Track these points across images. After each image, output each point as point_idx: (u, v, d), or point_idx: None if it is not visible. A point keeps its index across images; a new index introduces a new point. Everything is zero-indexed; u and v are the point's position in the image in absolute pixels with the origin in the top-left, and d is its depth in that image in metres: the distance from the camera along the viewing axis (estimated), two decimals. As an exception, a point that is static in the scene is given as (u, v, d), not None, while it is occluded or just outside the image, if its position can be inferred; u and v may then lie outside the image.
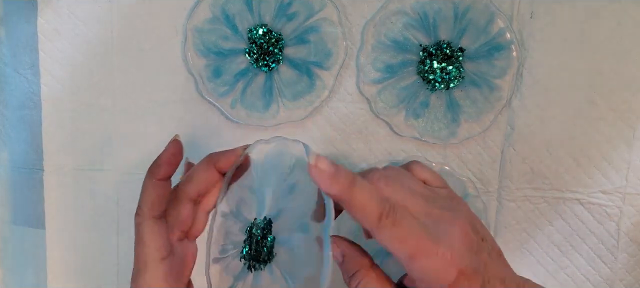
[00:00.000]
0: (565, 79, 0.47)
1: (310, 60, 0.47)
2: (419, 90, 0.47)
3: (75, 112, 0.49)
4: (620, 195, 0.48)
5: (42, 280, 0.51)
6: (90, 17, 0.48)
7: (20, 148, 0.51)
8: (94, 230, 0.50)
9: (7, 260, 0.53)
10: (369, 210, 0.31)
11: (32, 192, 0.50)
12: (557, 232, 0.49)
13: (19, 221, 0.52)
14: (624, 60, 0.46)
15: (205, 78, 0.48)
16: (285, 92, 0.47)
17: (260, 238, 0.40)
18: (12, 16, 0.49)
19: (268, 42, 0.47)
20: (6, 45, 0.50)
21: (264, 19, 0.47)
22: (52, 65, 0.49)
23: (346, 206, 0.31)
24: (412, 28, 0.46)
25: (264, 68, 0.47)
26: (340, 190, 0.30)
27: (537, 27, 0.47)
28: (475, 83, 0.47)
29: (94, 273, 0.51)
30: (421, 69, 0.47)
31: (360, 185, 0.31)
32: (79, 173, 0.50)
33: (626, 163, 0.47)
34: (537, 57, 0.47)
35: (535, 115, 0.48)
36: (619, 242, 0.49)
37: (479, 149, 0.49)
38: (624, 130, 0.47)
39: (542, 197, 0.49)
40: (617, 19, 0.46)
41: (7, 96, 0.51)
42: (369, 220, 0.31)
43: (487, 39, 0.46)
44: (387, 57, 0.47)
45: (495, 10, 0.46)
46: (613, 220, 0.48)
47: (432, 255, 0.30)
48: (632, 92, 0.47)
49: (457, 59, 0.46)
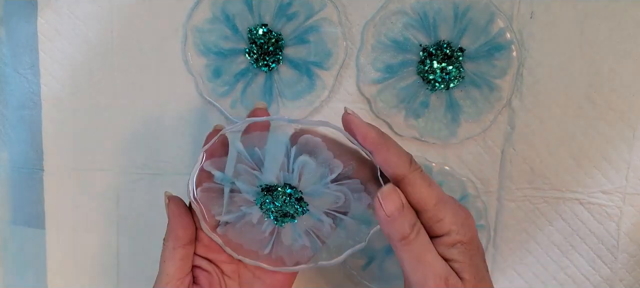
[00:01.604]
0: (565, 79, 0.47)
1: (310, 60, 0.47)
2: (419, 90, 0.47)
3: (75, 112, 0.49)
4: (620, 195, 0.48)
5: (42, 280, 0.51)
6: (90, 17, 0.48)
7: (20, 149, 0.51)
8: (94, 230, 0.50)
9: (7, 260, 0.53)
10: (402, 153, 0.33)
11: (32, 192, 0.50)
12: (557, 232, 0.49)
13: (19, 221, 0.52)
14: (624, 60, 0.46)
15: (205, 78, 0.48)
16: (285, 92, 0.47)
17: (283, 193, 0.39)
18: (12, 16, 0.49)
19: (268, 42, 0.47)
20: (6, 45, 0.50)
21: (264, 19, 0.47)
22: (52, 65, 0.49)
23: (381, 151, 0.33)
24: (412, 28, 0.46)
25: (264, 68, 0.47)
26: (378, 133, 0.33)
27: (537, 27, 0.47)
28: (475, 83, 0.47)
29: (94, 273, 0.51)
30: (421, 69, 0.47)
31: (388, 136, 0.33)
32: (79, 174, 0.50)
33: (626, 163, 0.47)
34: (537, 57, 0.47)
35: (535, 115, 0.48)
36: (619, 242, 0.49)
37: (479, 149, 0.49)
38: (624, 130, 0.47)
39: (542, 197, 0.49)
40: (617, 19, 0.46)
41: (7, 96, 0.51)
42: (402, 163, 0.32)
43: (487, 39, 0.46)
44: (387, 57, 0.47)
45: (495, 10, 0.46)
46: (613, 220, 0.48)
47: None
48: (632, 92, 0.47)
49: (457, 59, 0.46)
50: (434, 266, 0.32)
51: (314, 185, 0.39)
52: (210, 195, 0.40)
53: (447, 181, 0.48)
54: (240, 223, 0.40)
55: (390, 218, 0.32)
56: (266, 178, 0.39)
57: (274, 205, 0.39)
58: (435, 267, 0.32)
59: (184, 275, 0.38)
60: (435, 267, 0.32)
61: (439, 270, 0.32)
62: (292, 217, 0.40)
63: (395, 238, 0.32)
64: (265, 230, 0.40)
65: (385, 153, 0.33)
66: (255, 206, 0.40)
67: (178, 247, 0.38)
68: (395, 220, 0.32)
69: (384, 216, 0.32)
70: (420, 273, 0.32)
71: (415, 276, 0.32)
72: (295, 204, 0.39)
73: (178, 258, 0.37)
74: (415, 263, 0.32)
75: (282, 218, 0.40)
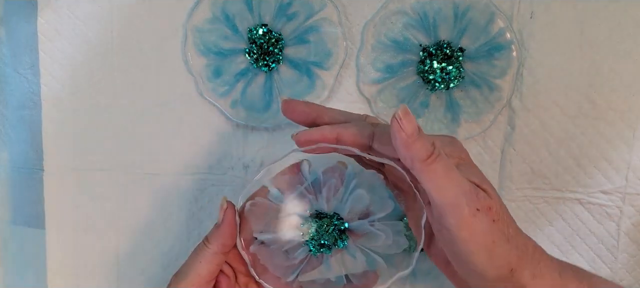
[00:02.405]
0: (565, 79, 0.47)
1: (310, 60, 0.47)
2: (419, 90, 0.47)
3: (75, 112, 0.49)
4: (620, 195, 0.48)
5: (42, 280, 0.51)
6: (90, 17, 0.48)
7: (20, 149, 0.51)
8: (94, 230, 0.50)
9: (7, 260, 0.53)
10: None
11: (32, 192, 0.50)
12: (557, 232, 0.49)
13: (19, 221, 0.52)
14: (624, 60, 0.46)
15: (205, 78, 0.48)
16: (285, 92, 0.47)
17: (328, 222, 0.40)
18: (12, 16, 0.49)
19: (268, 42, 0.47)
20: (6, 45, 0.50)
21: (264, 19, 0.47)
22: (52, 65, 0.49)
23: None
24: (412, 28, 0.46)
25: (264, 68, 0.47)
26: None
27: (537, 27, 0.47)
28: (475, 83, 0.47)
29: (94, 273, 0.51)
30: (421, 69, 0.47)
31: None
32: (79, 174, 0.50)
33: (626, 163, 0.47)
34: (537, 57, 0.47)
35: (535, 115, 0.48)
36: (619, 242, 0.49)
37: (479, 149, 0.49)
38: (624, 130, 0.47)
39: (542, 197, 0.48)
40: (617, 19, 0.46)
41: (7, 96, 0.51)
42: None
43: (487, 39, 0.46)
44: (387, 57, 0.47)
45: (495, 10, 0.46)
46: (613, 220, 0.48)
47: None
48: (632, 92, 0.47)
49: (457, 59, 0.46)
50: (462, 183, 0.32)
51: (360, 221, 0.39)
52: (257, 210, 0.40)
53: (447, 181, 0.48)
54: (274, 245, 0.40)
55: (411, 138, 0.30)
56: (320, 206, 0.39)
57: (318, 232, 0.39)
58: (463, 184, 0.32)
59: (213, 278, 0.38)
60: (463, 184, 0.32)
61: (467, 186, 0.32)
62: (329, 248, 0.40)
63: (420, 159, 0.31)
64: (297, 258, 0.40)
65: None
66: (298, 230, 0.40)
67: (219, 252, 0.38)
68: (416, 141, 0.31)
69: (405, 137, 0.30)
70: (451, 192, 0.31)
71: (445, 197, 0.31)
72: (336, 236, 0.39)
73: (215, 263, 0.38)
74: (445, 183, 0.31)
75: (319, 248, 0.40)
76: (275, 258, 0.40)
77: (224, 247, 0.38)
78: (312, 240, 0.40)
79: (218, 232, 0.38)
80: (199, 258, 0.38)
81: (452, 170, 0.32)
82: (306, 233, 0.40)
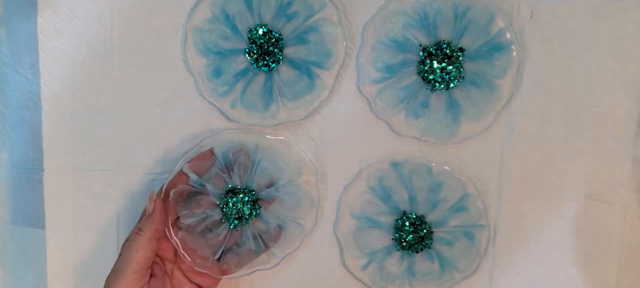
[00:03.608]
0: (565, 79, 0.47)
1: (310, 60, 0.47)
2: (419, 90, 0.47)
3: (75, 112, 0.49)
4: (620, 196, 0.48)
5: (42, 280, 0.51)
6: (90, 17, 0.48)
7: (20, 149, 0.51)
8: (94, 230, 0.50)
9: (7, 260, 0.53)
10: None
11: (32, 192, 0.50)
12: (557, 232, 0.49)
13: (19, 221, 0.52)
14: (624, 60, 0.46)
15: (205, 78, 0.48)
16: (285, 92, 0.47)
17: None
18: (12, 16, 0.49)
19: (268, 42, 0.47)
20: (6, 45, 0.50)
21: (264, 19, 0.47)
22: (52, 65, 0.49)
23: None
24: (412, 28, 0.46)
25: (264, 68, 0.47)
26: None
27: (537, 27, 0.47)
28: (475, 83, 0.47)
29: (94, 273, 0.51)
30: (421, 69, 0.47)
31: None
32: (79, 173, 0.50)
33: (626, 163, 0.47)
34: (537, 57, 0.47)
35: (535, 115, 0.48)
36: (619, 242, 0.49)
37: (479, 149, 0.49)
38: (623, 131, 0.47)
39: (542, 197, 0.49)
40: (617, 19, 0.46)
41: (7, 96, 0.51)
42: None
43: (487, 39, 0.46)
44: (387, 57, 0.47)
45: (495, 10, 0.46)
46: (613, 220, 0.48)
47: None
48: (632, 92, 0.47)
49: (457, 58, 0.46)
50: None
51: (267, 189, 0.46)
52: (179, 197, 0.45)
53: (447, 181, 0.48)
54: (199, 227, 0.45)
55: None
56: (234, 182, 0.45)
57: (235, 206, 0.45)
58: None
59: (149, 265, 0.43)
60: None
61: None
62: (247, 220, 0.46)
63: None
64: (220, 234, 0.45)
65: None
66: (218, 208, 0.45)
67: (152, 238, 0.42)
68: None
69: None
70: None
71: None
72: (250, 207, 0.45)
73: (150, 249, 0.42)
74: None
75: (238, 221, 0.45)
76: (200, 239, 0.45)
77: (157, 232, 0.43)
78: (231, 215, 0.45)
79: (150, 220, 0.43)
80: (135, 247, 0.42)
81: None
82: (225, 208, 0.45)
